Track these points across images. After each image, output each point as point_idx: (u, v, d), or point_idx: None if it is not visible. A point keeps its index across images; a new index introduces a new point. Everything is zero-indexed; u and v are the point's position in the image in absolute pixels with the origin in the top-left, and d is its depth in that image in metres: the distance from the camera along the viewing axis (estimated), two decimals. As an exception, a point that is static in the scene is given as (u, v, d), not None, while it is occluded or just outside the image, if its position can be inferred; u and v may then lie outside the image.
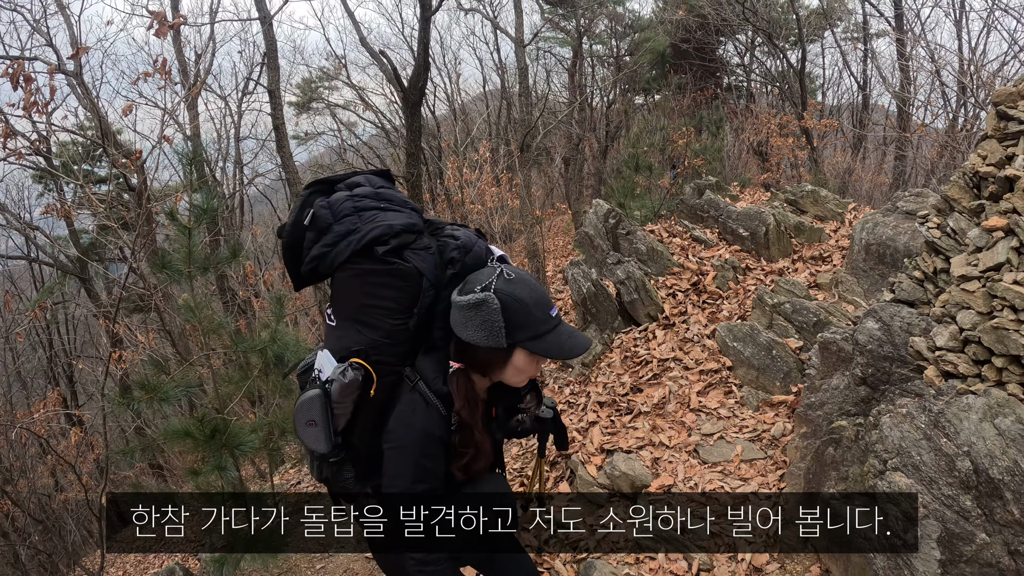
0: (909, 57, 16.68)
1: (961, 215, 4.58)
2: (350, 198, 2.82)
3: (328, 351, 2.82)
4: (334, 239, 2.73)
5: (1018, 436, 3.54)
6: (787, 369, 6.30)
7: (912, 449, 3.72)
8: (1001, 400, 3.67)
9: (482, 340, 2.65)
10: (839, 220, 10.28)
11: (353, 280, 2.75)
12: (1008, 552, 3.42)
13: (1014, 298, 3.76)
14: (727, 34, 24.26)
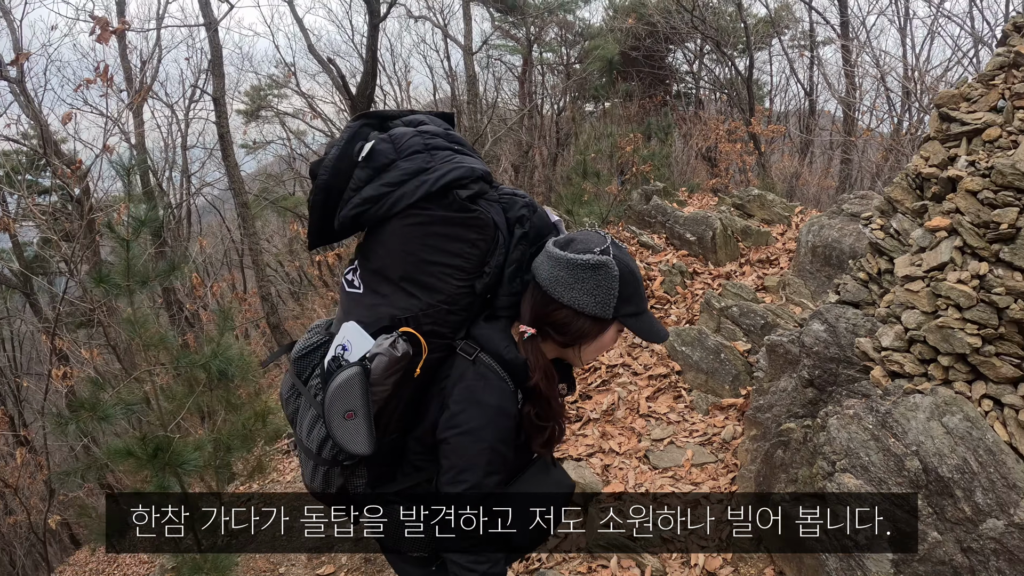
0: (855, 64, 16.91)
1: (904, 216, 4.61)
2: (419, 134, 2.38)
3: (355, 323, 2.37)
4: (400, 177, 2.29)
5: (966, 434, 3.55)
6: (736, 372, 6.32)
7: (860, 450, 3.72)
8: (948, 399, 3.69)
9: (588, 306, 2.33)
10: (786, 223, 10.36)
11: (416, 229, 2.31)
12: (961, 549, 3.44)
13: (958, 297, 3.78)
14: (676, 42, 24.45)
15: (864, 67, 17.51)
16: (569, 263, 2.30)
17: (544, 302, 2.37)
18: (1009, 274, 3.71)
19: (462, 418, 2.31)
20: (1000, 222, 3.76)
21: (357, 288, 2.45)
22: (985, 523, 3.40)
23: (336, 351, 2.35)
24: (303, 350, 2.59)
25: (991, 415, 3.70)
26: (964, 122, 4.33)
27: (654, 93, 25.47)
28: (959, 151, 4.31)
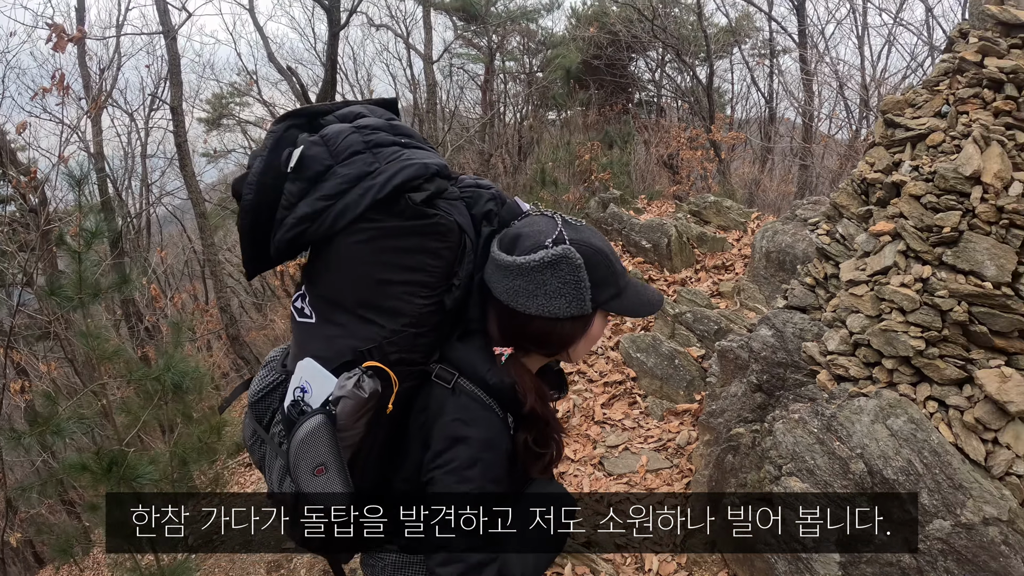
0: (813, 72, 17.08)
1: (850, 221, 4.66)
2: (356, 130, 2.02)
3: (312, 360, 2.02)
4: (339, 186, 1.93)
5: (910, 436, 3.59)
6: (690, 378, 6.35)
7: (806, 454, 3.75)
8: (892, 401, 3.72)
9: (562, 309, 1.99)
10: (742, 229, 10.42)
11: (366, 246, 1.96)
12: (908, 550, 3.47)
13: (902, 300, 3.82)
14: (638, 50, 24.56)
15: (823, 75, 17.72)
16: (523, 268, 1.97)
17: (510, 318, 2.06)
18: (952, 277, 3.76)
19: (446, 457, 1.99)
20: (943, 226, 3.81)
21: (309, 317, 2.11)
22: (932, 524, 3.44)
23: (295, 394, 2.02)
24: (259, 392, 2.25)
25: (936, 416, 3.73)
26: (909, 127, 4.39)
27: (616, 101, 25.57)
28: (903, 156, 4.37)
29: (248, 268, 2.22)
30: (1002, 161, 3.78)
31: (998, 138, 3.86)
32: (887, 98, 4.67)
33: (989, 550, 3.33)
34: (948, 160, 3.99)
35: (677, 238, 9.49)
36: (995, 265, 3.68)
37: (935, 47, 14.32)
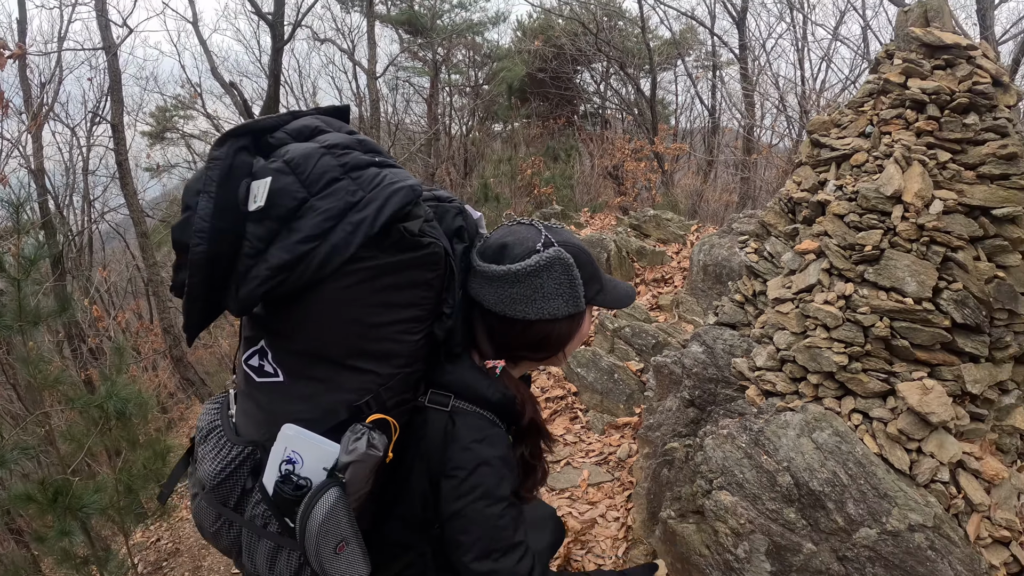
0: (754, 87, 17.32)
1: (777, 239, 4.76)
2: (327, 152, 1.76)
3: (294, 426, 1.81)
4: (322, 224, 1.68)
5: (835, 448, 3.68)
6: (629, 391, 6.42)
7: (735, 468, 3.82)
8: (818, 415, 3.81)
9: (561, 308, 1.98)
10: (681, 242, 10.50)
11: (359, 289, 1.76)
12: (837, 558, 3.54)
13: (825, 317, 3.92)
14: (583, 63, 24.70)
15: (764, 87, 17.99)
16: (518, 275, 1.93)
17: (507, 327, 2.03)
18: (874, 293, 3.86)
19: (472, 482, 1.92)
20: (865, 244, 3.91)
21: (273, 376, 1.89)
22: (858, 532, 3.51)
23: (282, 469, 1.81)
24: (220, 473, 1.94)
25: (861, 428, 3.83)
26: (834, 148, 4.49)
27: (561, 113, 25.70)
28: (829, 176, 4.47)
29: (191, 332, 1.93)
30: (923, 180, 3.90)
31: (919, 158, 3.98)
32: (813, 119, 4.78)
33: (916, 555, 3.41)
34: (871, 180, 4.09)
35: (616, 252, 9.57)
36: (916, 281, 3.79)
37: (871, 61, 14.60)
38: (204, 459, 1.98)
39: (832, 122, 4.69)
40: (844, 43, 17.01)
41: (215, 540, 2.06)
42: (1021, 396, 4.14)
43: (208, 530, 2.06)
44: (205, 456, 1.98)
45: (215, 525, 2.02)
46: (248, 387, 1.96)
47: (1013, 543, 3.61)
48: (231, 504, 1.97)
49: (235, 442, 1.96)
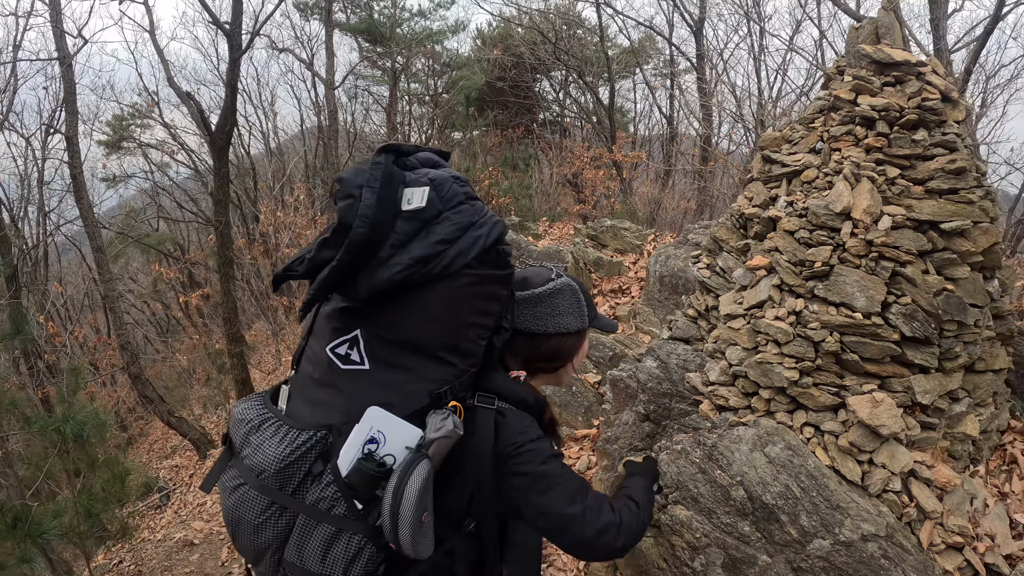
0: (712, 94, 17.45)
1: (729, 255, 4.80)
2: (456, 180, 2.17)
3: (379, 408, 2.06)
4: (454, 232, 2.08)
5: (787, 462, 3.73)
6: (588, 404, 6.45)
7: (689, 483, 3.86)
8: (770, 429, 3.86)
9: (572, 324, 2.50)
10: (638, 252, 10.57)
11: (467, 290, 2.14)
12: (792, 569, 3.60)
13: (776, 333, 3.97)
14: (542, 72, 24.76)
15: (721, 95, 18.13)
16: (541, 297, 2.46)
17: (529, 341, 2.47)
18: (824, 309, 3.92)
19: (535, 450, 2.27)
20: (815, 260, 3.97)
21: (359, 364, 2.14)
22: (812, 543, 3.56)
23: (364, 449, 2.04)
24: (287, 458, 2.08)
25: (813, 441, 3.88)
26: (785, 164, 4.55)
27: (520, 122, 25.74)
28: (780, 192, 4.53)
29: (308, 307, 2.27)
30: (872, 197, 3.96)
31: (868, 174, 4.04)
32: (765, 135, 4.83)
33: (869, 565, 3.46)
34: (821, 196, 4.15)
35: (574, 264, 9.60)
36: (865, 296, 3.85)
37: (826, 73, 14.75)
38: (262, 447, 2.13)
39: (783, 138, 4.74)
40: (799, 53, 17.22)
41: (255, 534, 2.13)
42: (972, 403, 4.22)
43: (251, 522, 2.13)
44: (263, 444, 2.13)
45: (262, 516, 2.12)
46: (328, 375, 2.18)
47: (966, 548, 3.68)
48: (289, 490, 2.10)
49: (304, 427, 2.13)
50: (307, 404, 2.22)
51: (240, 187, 23.32)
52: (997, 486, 4.23)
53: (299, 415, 2.21)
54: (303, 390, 2.27)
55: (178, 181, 29.04)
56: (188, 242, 28.16)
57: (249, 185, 24.30)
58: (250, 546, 2.17)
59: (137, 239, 25.38)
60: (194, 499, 10.76)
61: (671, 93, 22.36)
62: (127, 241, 25.01)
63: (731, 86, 16.95)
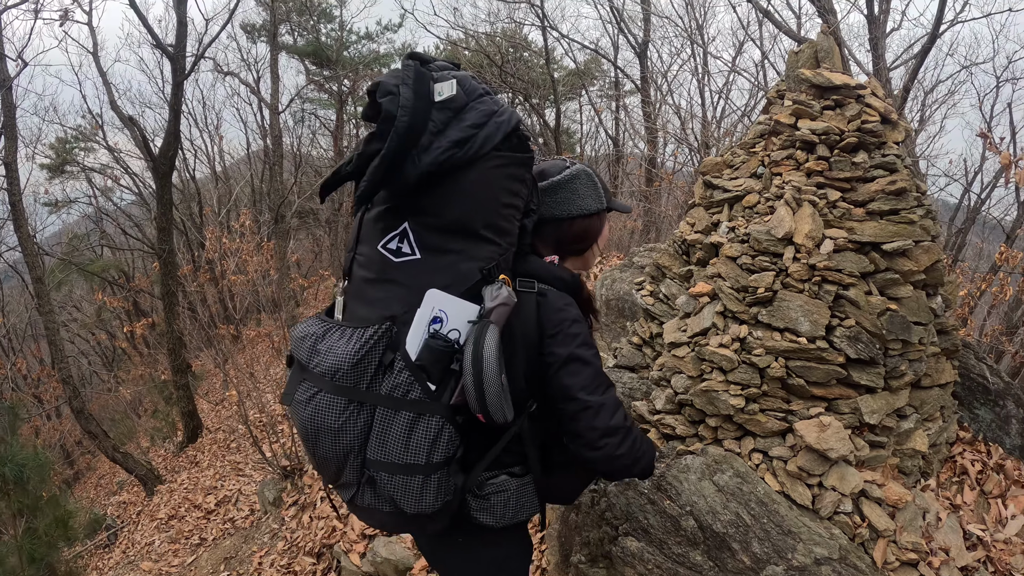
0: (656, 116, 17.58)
1: (672, 281, 4.80)
2: (473, 78, 2.39)
3: (438, 290, 2.25)
4: (481, 118, 2.28)
5: (737, 489, 3.71)
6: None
7: (639, 514, 3.83)
8: (718, 457, 3.84)
9: (593, 205, 2.71)
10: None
11: (499, 171, 2.34)
12: (747, 597, 3.57)
13: (720, 360, 3.96)
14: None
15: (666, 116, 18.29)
16: (563, 183, 2.67)
17: (559, 225, 2.67)
18: (768, 334, 3.92)
19: (573, 331, 2.40)
20: (758, 286, 3.97)
21: (411, 255, 2.32)
22: (765, 570, 3.53)
23: (429, 329, 2.23)
24: (359, 352, 2.23)
25: (761, 467, 3.88)
26: (726, 189, 4.55)
27: (467, 145, 25.77)
28: (721, 217, 4.53)
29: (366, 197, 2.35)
30: (813, 221, 3.97)
31: (810, 198, 4.06)
32: (706, 160, 4.84)
33: (823, 589, 3.44)
34: (762, 222, 4.16)
35: (519, 292, 9.39)
36: (809, 321, 3.86)
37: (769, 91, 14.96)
38: (332, 350, 2.27)
39: (724, 163, 4.76)
40: (741, 75, 17.43)
41: (336, 439, 2.27)
42: (920, 419, 4.25)
43: (331, 426, 2.26)
44: (332, 347, 2.28)
45: (342, 417, 2.25)
46: (383, 271, 2.35)
47: (921, 564, 3.69)
48: (364, 384, 2.24)
49: (369, 323, 2.28)
50: (366, 304, 2.38)
51: (185, 212, 23.09)
52: (949, 498, 4.27)
53: (361, 316, 2.37)
54: (360, 294, 2.43)
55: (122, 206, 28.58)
56: (133, 269, 27.71)
57: (195, 210, 24.06)
58: (331, 454, 2.30)
59: (80, 266, 24.90)
60: (142, 538, 10.58)
61: (616, 115, 22.51)
62: (70, 268, 24.60)
63: (675, 107, 17.09)
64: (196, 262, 20.56)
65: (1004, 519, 4.16)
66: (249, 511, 9.46)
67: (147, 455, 15.45)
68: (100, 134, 25.45)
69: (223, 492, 10.73)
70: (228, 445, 12.63)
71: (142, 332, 18.84)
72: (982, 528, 4.06)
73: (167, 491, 12.26)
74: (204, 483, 11.50)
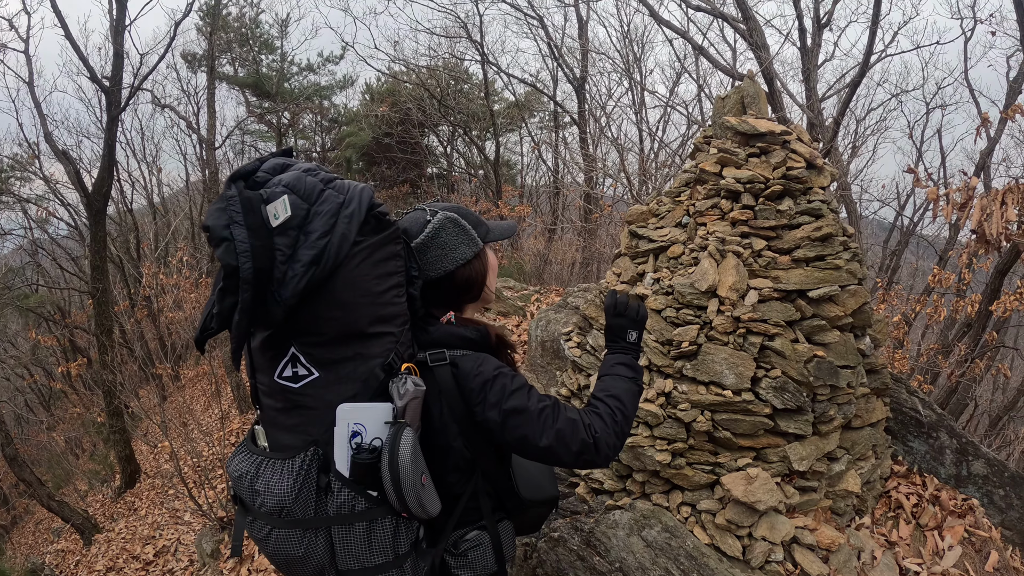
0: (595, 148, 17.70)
1: (600, 332, 4.79)
2: (307, 173, 2.22)
3: (346, 404, 2.21)
4: (327, 222, 2.13)
5: (665, 544, 3.69)
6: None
7: (569, 571, 3.79)
8: (647, 512, 3.82)
9: (468, 251, 2.53)
10: (521, 315, 10.50)
11: (365, 265, 2.21)
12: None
13: (646, 416, 3.96)
14: (429, 127, 24.81)
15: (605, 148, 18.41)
16: (429, 242, 2.47)
17: (438, 284, 2.50)
18: (693, 388, 3.92)
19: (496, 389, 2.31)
20: (682, 340, 3.98)
21: (308, 375, 2.24)
22: (698, 624, 3.53)
23: (352, 444, 2.19)
24: (295, 485, 2.22)
25: (690, 520, 3.87)
26: (651, 239, 4.56)
27: (407, 177, 25.73)
28: (647, 267, 4.54)
29: (239, 352, 2.25)
30: (737, 272, 3.99)
31: (734, 249, 4.08)
32: (632, 209, 4.85)
33: (756, 641, 3.46)
34: (686, 274, 4.17)
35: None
36: (734, 373, 3.87)
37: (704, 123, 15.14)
38: (269, 490, 2.23)
39: (650, 212, 4.76)
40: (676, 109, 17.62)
41: (305, 564, 2.26)
42: (851, 460, 4.28)
43: (297, 555, 2.25)
44: (269, 487, 2.23)
45: (302, 546, 2.23)
46: (287, 399, 2.27)
47: (858, 603, 3.69)
48: (311, 512, 2.22)
49: (294, 453, 2.23)
50: (285, 432, 2.31)
51: (122, 246, 22.73)
52: (884, 534, 4.29)
53: (284, 444, 2.30)
54: (275, 423, 2.35)
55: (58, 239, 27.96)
56: (69, 304, 27.14)
57: (131, 243, 23.68)
58: (308, 574, 2.30)
59: (14, 301, 24.29)
60: (81, 591, 10.33)
61: (555, 147, 22.63)
62: (3, 304, 24.02)
63: (613, 140, 17.21)
64: (133, 298, 20.22)
65: (941, 551, 4.19)
66: (188, 562, 9.26)
67: (85, 499, 15.08)
68: (36, 164, 24.84)
69: (162, 542, 10.49)
70: (166, 491, 12.36)
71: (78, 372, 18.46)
72: (919, 562, 4.09)
73: (105, 540, 11.95)
74: (142, 532, 11.23)
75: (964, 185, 5.43)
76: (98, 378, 14.57)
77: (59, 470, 18.39)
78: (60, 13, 12.76)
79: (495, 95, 23.17)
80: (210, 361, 13.28)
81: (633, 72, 17.01)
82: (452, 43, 21.37)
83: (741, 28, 11.88)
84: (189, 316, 15.25)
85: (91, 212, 12.97)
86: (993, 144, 13.23)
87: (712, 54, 14.01)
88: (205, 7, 23.32)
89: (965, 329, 10.60)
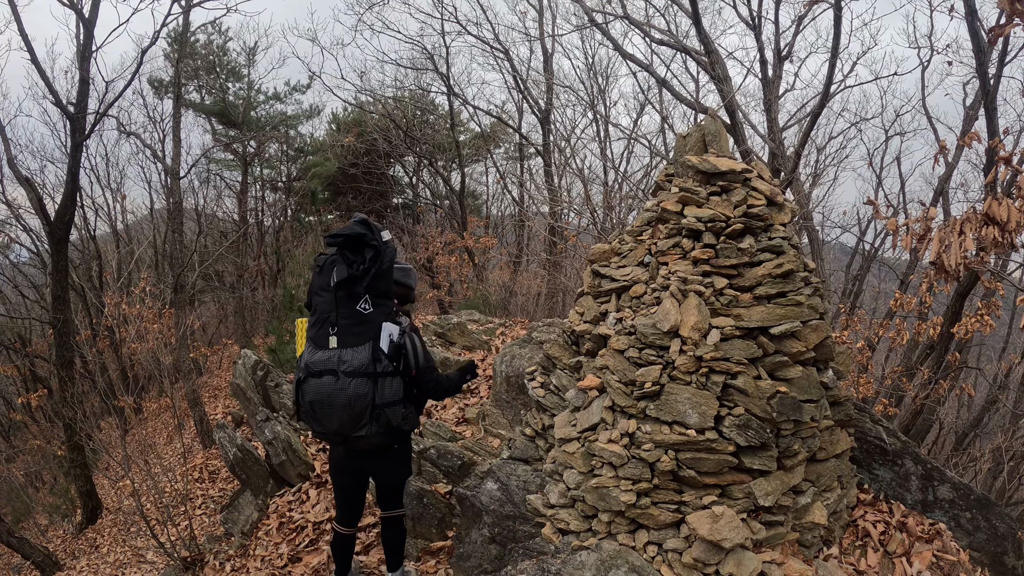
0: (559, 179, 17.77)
1: (563, 372, 4.81)
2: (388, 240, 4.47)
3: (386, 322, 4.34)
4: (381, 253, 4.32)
5: (634, 586, 3.69)
6: (440, 515, 6.27)
7: (536, 612, 3.79)
8: (613, 552, 3.83)
9: (412, 281, 4.93)
10: (487, 349, 10.48)
11: (389, 273, 4.37)
12: None
13: (610, 457, 3.97)
14: (395, 157, 24.79)
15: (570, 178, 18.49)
16: (402, 268, 4.81)
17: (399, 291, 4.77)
18: (657, 428, 3.93)
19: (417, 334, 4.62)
20: (645, 380, 3.99)
21: (369, 309, 4.31)
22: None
23: (390, 339, 4.33)
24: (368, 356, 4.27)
25: (657, 560, 3.87)
26: (613, 278, 4.58)
27: (373, 207, 25.67)
28: (609, 307, 4.55)
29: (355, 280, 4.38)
30: (699, 312, 4.02)
31: (696, 288, 4.10)
32: (594, 248, 4.87)
33: None
34: (648, 314, 4.19)
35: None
36: (697, 413, 3.89)
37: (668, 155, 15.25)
38: (352, 361, 4.27)
39: (612, 251, 4.79)
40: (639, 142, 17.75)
41: (364, 397, 4.27)
42: (817, 492, 4.30)
43: (361, 392, 4.26)
44: (352, 360, 4.27)
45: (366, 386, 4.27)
46: (360, 319, 4.32)
47: (828, 637, 3.70)
48: (372, 370, 4.26)
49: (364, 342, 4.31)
50: (354, 337, 4.30)
51: (85, 274, 22.47)
52: (853, 563, 4.32)
53: (354, 343, 4.30)
54: (348, 331, 4.31)
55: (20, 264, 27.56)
56: (30, 332, 26.77)
57: (94, 271, 23.41)
58: (364, 405, 4.26)
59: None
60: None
61: (520, 179, 22.67)
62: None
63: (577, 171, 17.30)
64: (95, 328, 19.98)
65: (909, 577, 4.21)
66: (152, 605, 9.12)
67: (46, 534, 14.85)
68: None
69: (125, 582, 10.33)
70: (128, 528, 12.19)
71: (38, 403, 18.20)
72: (887, 590, 4.10)
73: (66, 580, 11.76)
74: (104, 571, 11.05)
75: (923, 215, 5.49)
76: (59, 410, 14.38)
77: (19, 503, 18.08)
78: (27, 37, 12.62)
79: (461, 126, 23.25)
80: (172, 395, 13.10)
81: (597, 105, 17.12)
82: (419, 74, 21.42)
83: (704, 61, 11.98)
84: (151, 347, 15.03)
85: (53, 241, 12.82)
86: (951, 170, 13.43)
87: (675, 86, 14.15)
88: (173, 33, 23.15)
89: (928, 351, 10.74)
